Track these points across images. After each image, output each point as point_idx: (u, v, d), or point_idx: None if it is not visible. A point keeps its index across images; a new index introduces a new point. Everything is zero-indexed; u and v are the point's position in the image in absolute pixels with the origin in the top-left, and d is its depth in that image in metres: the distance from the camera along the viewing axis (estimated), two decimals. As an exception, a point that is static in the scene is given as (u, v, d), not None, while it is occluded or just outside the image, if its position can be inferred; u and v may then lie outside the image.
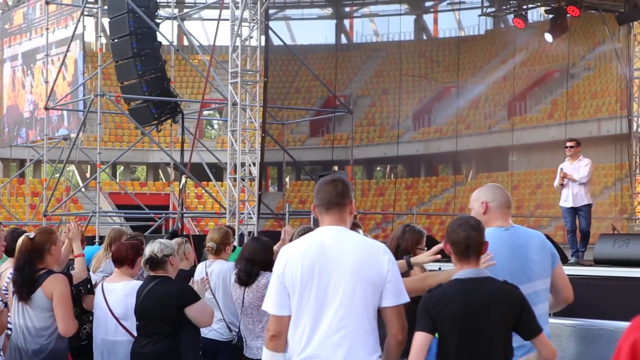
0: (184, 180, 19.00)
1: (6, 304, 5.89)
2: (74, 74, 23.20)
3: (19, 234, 6.19)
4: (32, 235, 5.85)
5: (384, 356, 4.06)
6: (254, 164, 17.35)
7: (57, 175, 23.66)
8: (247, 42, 17.40)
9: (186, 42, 40.99)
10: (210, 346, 7.18)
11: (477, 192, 4.87)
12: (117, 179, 37.38)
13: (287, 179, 39.61)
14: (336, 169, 34.67)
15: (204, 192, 30.63)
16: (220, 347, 7.18)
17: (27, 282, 5.72)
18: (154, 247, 5.92)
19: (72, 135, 23.43)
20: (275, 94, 34.55)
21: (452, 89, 35.45)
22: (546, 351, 4.17)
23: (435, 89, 37.86)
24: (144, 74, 19.39)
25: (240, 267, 6.57)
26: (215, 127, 48.05)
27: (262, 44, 18.77)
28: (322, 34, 43.72)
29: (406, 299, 4.05)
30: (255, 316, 6.43)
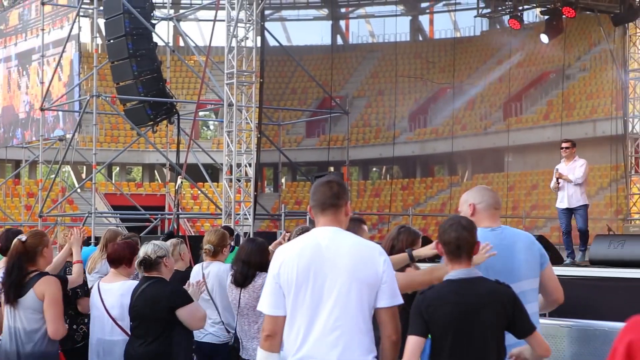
0: (179, 181, 19.00)
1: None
2: (70, 74, 23.19)
3: (14, 233, 6.18)
4: (24, 238, 5.85)
5: (381, 358, 4.05)
6: (249, 165, 17.34)
7: (53, 176, 23.65)
8: (243, 43, 17.39)
9: (182, 43, 40.97)
10: (207, 349, 7.16)
11: (465, 195, 4.91)
12: (112, 180, 37.35)
13: (283, 180, 39.61)
14: (332, 169, 34.69)
15: (199, 192, 30.60)
16: (217, 349, 7.17)
17: (15, 285, 5.71)
18: (147, 248, 5.92)
19: (68, 136, 23.41)
20: (271, 94, 34.55)
21: (448, 90, 35.49)
22: (540, 349, 4.18)
23: (431, 90, 37.89)
24: (139, 74, 19.38)
25: (236, 269, 6.57)
26: (211, 127, 48.04)
27: (258, 44, 18.78)
28: (318, 34, 43.78)
29: (400, 301, 4.05)
30: (251, 317, 6.43)
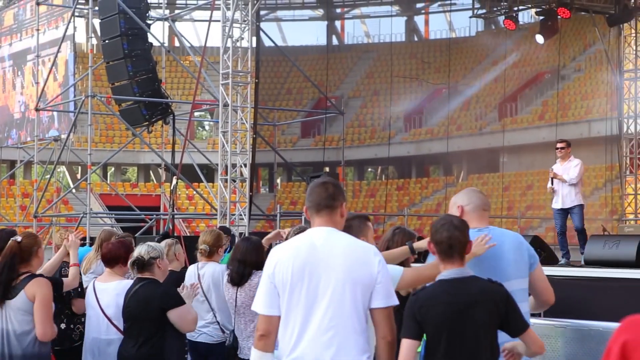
0: (175, 181, 18.97)
1: None
2: (65, 75, 23.17)
3: (8, 233, 6.16)
4: (19, 238, 5.85)
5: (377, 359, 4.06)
6: (245, 165, 17.33)
7: (48, 176, 23.60)
8: (238, 43, 17.39)
9: (177, 43, 40.95)
10: (202, 349, 7.16)
11: (454, 197, 4.93)
12: (108, 180, 37.29)
13: (278, 180, 39.62)
14: (327, 170, 34.69)
15: (195, 193, 30.60)
16: (211, 349, 7.17)
17: (4, 286, 5.71)
18: (141, 249, 5.93)
19: (63, 136, 23.38)
20: (266, 95, 34.55)
21: (443, 91, 35.49)
22: (535, 346, 4.18)
23: (426, 91, 37.89)
24: (134, 75, 19.36)
25: (232, 268, 6.58)
26: (206, 128, 48.02)
27: (253, 45, 18.76)
28: (314, 35, 43.78)
29: (395, 302, 4.05)
30: (248, 316, 6.43)
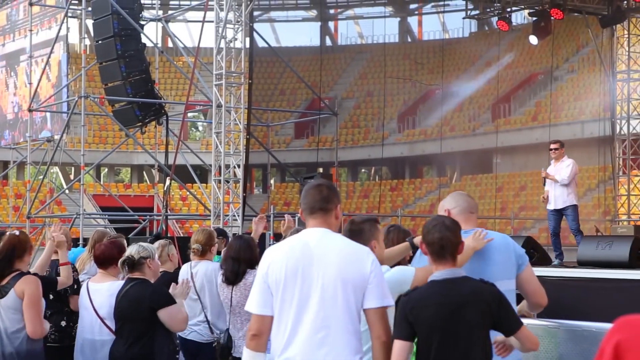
0: (168, 182, 18.97)
1: None
2: (58, 75, 23.12)
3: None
4: (18, 232, 5.92)
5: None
6: (238, 166, 17.31)
7: (41, 177, 23.55)
8: (231, 44, 17.37)
9: (170, 44, 40.89)
10: (191, 347, 7.16)
11: (442, 202, 4.95)
12: (101, 181, 37.22)
13: (271, 181, 39.59)
14: (321, 170, 34.67)
15: (188, 194, 30.56)
16: (201, 348, 7.18)
17: None
18: (132, 249, 5.93)
19: (56, 136, 23.32)
20: (260, 95, 34.55)
21: (437, 91, 35.53)
22: (529, 342, 4.18)
23: (419, 91, 37.94)
24: (128, 75, 19.33)
25: (226, 267, 6.56)
26: (199, 129, 47.96)
27: (247, 45, 18.74)
28: (307, 36, 43.79)
29: (390, 303, 4.05)
30: (243, 315, 6.41)
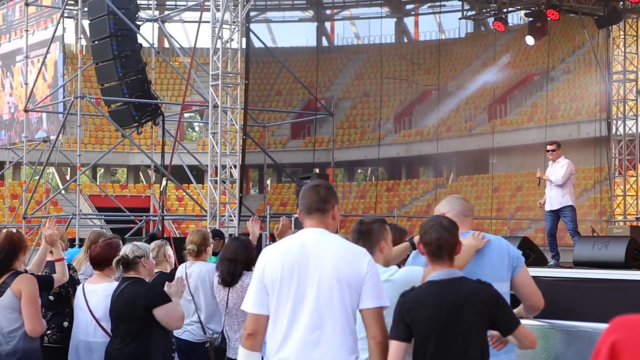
0: (164, 182, 18.96)
1: None
2: (54, 75, 23.08)
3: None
4: (15, 230, 5.91)
5: None
6: (234, 167, 17.32)
7: (37, 177, 23.54)
8: (228, 45, 17.36)
9: (167, 45, 40.87)
10: (184, 346, 7.17)
11: (437, 205, 4.99)
12: (97, 182, 37.20)
13: (268, 182, 39.57)
14: (317, 171, 34.69)
15: (184, 194, 30.53)
16: (193, 347, 7.19)
17: None
18: (126, 248, 5.94)
19: (52, 137, 23.31)
20: (256, 96, 34.52)
21: (433, 92, 35.54)
22: (527, 341, 4.18)
23: (416, 92, 37.94)
24: (124, 76, 19.33)
25: (222, 269, 6.54)
26: (196, 129, 47.95)
27: (243, 46, 18.75)
28: (303, 36, 43.84)
29: (385, 303, 4.05)
30: (239, 317, 6.41)
